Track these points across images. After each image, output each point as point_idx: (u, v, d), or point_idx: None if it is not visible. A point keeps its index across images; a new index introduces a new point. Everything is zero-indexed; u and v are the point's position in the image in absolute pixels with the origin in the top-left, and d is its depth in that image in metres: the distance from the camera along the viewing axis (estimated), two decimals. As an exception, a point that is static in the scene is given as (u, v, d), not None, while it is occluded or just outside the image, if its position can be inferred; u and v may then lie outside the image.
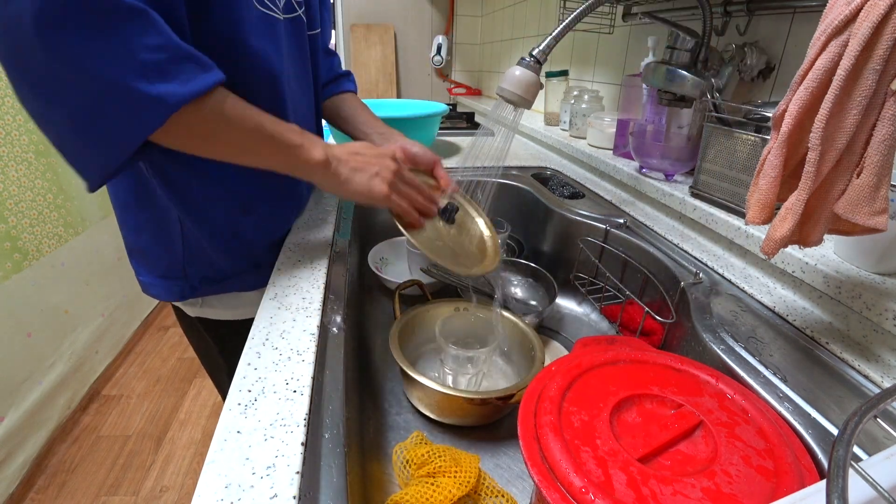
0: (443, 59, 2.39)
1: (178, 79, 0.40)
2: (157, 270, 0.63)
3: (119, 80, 0.37)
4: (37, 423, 1.41)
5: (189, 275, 0.62)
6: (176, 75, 0.40)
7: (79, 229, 1.63)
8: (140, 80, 0.38)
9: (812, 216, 0.38)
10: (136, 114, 0.40)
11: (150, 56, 0.39)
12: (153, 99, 0.39)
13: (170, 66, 0.40)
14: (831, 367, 0.44)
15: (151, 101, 0.39)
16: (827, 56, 0.33)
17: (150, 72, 0.39)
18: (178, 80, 0.40)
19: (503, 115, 0.63)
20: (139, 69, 0.38)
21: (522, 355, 0.59)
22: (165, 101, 0.40)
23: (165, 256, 0.61)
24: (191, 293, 0.63)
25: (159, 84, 0.39)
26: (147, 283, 0.64)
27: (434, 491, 0.40)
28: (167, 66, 0.40)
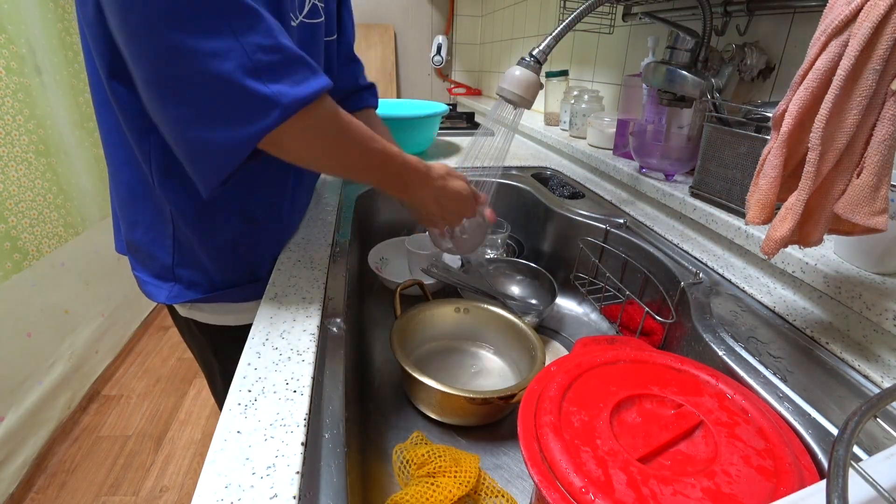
0: (443, 59, 2.39)
1: (291, 79, 0.41)
2: (150, 268, 0.62)
3: (235, 78, 0.38)
4: (37, 423, 1.41)
5: (179, 277, 0.61)
6: (289, 76, 0.41)
7: (79, 229, 1.63)
8: (254, 79, 0.39)
9: (812, 216, 0.38)
10: (252, 112, 0.40)
11: (264, 56, 0.39)
12: (267, 98, 0.40)
13: (283, 67, 0.41)
14: (831, 367, 0.44)
15: (266, 100, 0.40)
16: (827, 56, 0.33)
17: (263, 71, 0.39)
18: (291, 81, 0.41)
19: (503, 115, 0.63)
20: (254, 69, 0.39)
21: (522, 355, 0.59)
22: (279, 101, 0.40)
23: (157, 255, 0.60)
24: (180, 296, 0.62)
25: (272, 84, 0.40)
26: (141, 279, 0.63)
27: (434, 491, 0.40)
28: (280, 67, 0.40)
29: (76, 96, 1.63)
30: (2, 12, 1.32)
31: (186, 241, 0.58)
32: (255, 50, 0.39)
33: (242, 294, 0.63)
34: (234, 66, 0.38)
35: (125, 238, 0.62)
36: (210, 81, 0.38)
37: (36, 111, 1.43)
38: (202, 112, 0.40)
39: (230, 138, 0.41)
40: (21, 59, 1.38)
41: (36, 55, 1.45)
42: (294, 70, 0.41)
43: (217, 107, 0.40)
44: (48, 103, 1.49)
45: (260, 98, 0.39)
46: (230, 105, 0.40)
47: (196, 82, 0.39)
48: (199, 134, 0.41)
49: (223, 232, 0.58)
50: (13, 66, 1.36)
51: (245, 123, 0.40)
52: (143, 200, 0.57)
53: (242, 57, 0.38)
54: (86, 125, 1.66)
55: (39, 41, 1.46)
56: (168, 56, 0.38)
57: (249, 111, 0.40)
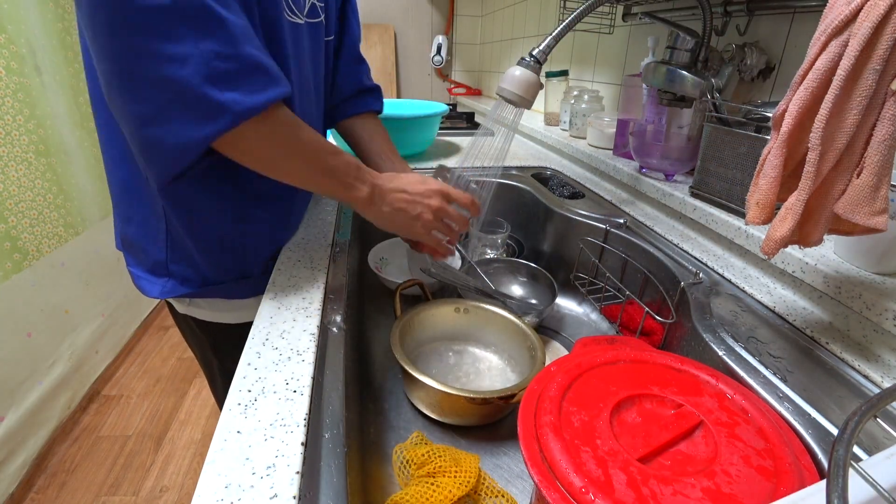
0: (443, 59, 2.39)
1: (246, 88, 0.42)
2: (143, 264, 0.62)
3: (191, 84, 0.40)
4: (37, 423, 1.41)
5: (172, 273, 0.61)
6: (245, 85, 0.42)
7: (79, 229, 1.63)
8: (210, 86, 0.40)
9: (812, 216, 0.38)
10: (203, 118, 0.42)
11: (221, 64, 0.41)
12: (219, 105, 0.41)
13: (239, 75, 0.42)
14: (831, 367, 0.44)
15: (217, 106, 0.41)
16: (827, 56, 0.33)
17: (219, 79, 0.41)
18: (246, 89, 0.42)
19: (503, 115, 0.63)
20: (210, 76, 0.40)
21: (522, 355, 0.59)
22: (231, 109, 0.42)
23: (150, 250, 0.60)
24: (173, 291, 0.62)
25: (227, 92, 0.41)
26: (135, 274, 0.63)
27: (434, 491, 0.40)
28: (236, 75, 0.42)
29: (76, 96, 1.63)
30: (2, 12, 1.32)
31: (179, 236, 0.58)
32: (213, 57, 0.40)
33: (235, 290, 0.63)
34: (191, 72, 0.40)
35: (119, 233, 0.63)
36: (167, 85, 0.40)
37: (36, 111, 1.43)
38: (157, 113, 0.41)
39: (182, 139, 0.43)
40: (21, 59, 1.38)
41: (36, 55, 1.45)
42: (250, 78, 0.43)
43: (171, 109, 0.41)
44: (48, 103, 1.49)
45: (213, 104, 0.41)
46: (184, 109, 0.41)
47: (154, 84, 0.40)
48: (154, 133, 0.43)
49: (213, 229, 0.59)
50: (13, 66, 1.36)
51: (196, 127, 0.42)
52: (137, 196, 0.57)
53: (199, 64, 0.40)
54: (86, 125, 1.66)
55: (39, 41, 1.46)
56: (129, 56, 0.39)
57: (201, 116, 0.42)
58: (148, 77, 0.40)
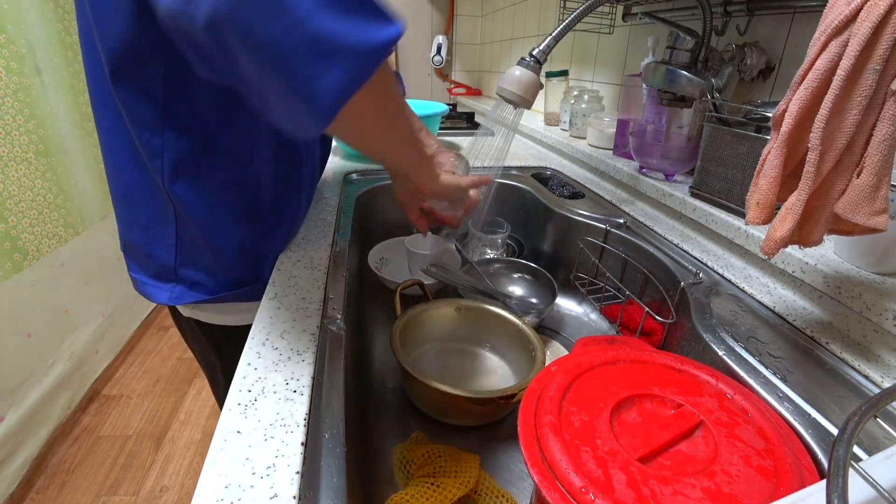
0: (443, 59, 2.39)
1: (382, 16, 0.36)
2: (148, 269, 0.61)
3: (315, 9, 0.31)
4: (37, 423, 1.41)
5: (181, 278, 0.60)
6: (378, 12, 0.35)
7: (79, 229, 1.63)
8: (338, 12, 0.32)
9: (812, 216, 0.38)
10: (381, 16, 0.35)
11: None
12: (386, 14, 0.35)
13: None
14: (831, 367, 0.44)
15: (385, 14, 0.35)
16: (827, 56, 0.33)
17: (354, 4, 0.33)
18: (384, 20, 0.36)
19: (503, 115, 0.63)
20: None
21: (522, 355, 0.59)
22: (397, 22, 0.35)
23: (157, 255, 0.59)
24: (182, 297, 0.61)
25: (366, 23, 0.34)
26: (138, 280, 0.62)
27: (434, 491, 0.40)
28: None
29: (76, 96, 1.63)
30: (2, 12, 1.32)
31: (191, 240, 0.58)
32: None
33: (246, 295, 0.63)
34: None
35: (121, 237, 0.62)
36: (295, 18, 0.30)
37: (36, 111, 1.43)
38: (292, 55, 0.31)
39: (365, 34, 0.34)
40: (21, 59, 1.38)
41: (36, 55, 1.45)
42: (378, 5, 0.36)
43: (304, 48, 0.31)
44: (48, 103, 1.49)
45: (383, 9, 0.35)
46: (318, 45, 0.32)
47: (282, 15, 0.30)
48: (326, 23, 0.32)
49: (231, 232, 0.58)
50: (13, 66, 1.36)
51: (377, 24, 0.34)
52: (143, 199, 0.57)
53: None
54: (86, 125, 1.66)
55: (39, 41, 1.46)
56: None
57: (379, 14, 0.35)
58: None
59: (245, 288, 0.62)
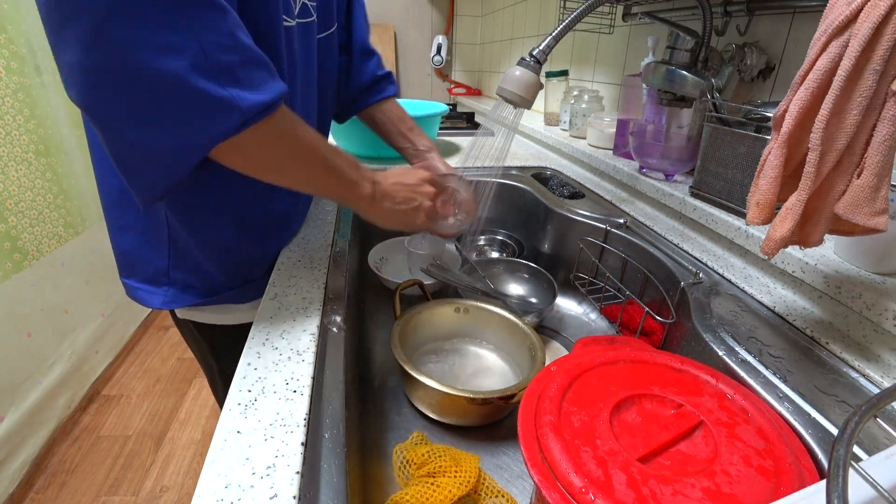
0: (443, 59, 2.39)
1: (250, 83, 0.38)
2: (140, 274, 0.60)
3: (188, 78, 0.34)
4: (37, 423, 1.41)
5: (174, 281, 0.60)
6: (248, 80, 0.38)
7: (79, 229, 1.63)
8: (211, 80, 0.35)
9: (812, 216, 0.38)
10: (208, 116, 0.37)
11: (224, 56, 0.36)
12: (224, 101, 0.36)
13: (242, 68, 0.37)
14: (831, 367, 0.44)
15: (223, 102, 0.36)
16: (827, 56, 0.33)
17: (221, 73, 0.36)
18: (250, 85, 0.38)
19: (503, 115, 0.63)
20: (210, 69, 0.35)
21: (522, 355, 0.59)
22: (239, 106, 0.37)
23: (149, 259, 0.59)
24: (175, 301, 0.60)
25: (230, 87, 0.36)
26: (131, 285, 0.61)
27: (434, 491, 0.40)
28: (240, 68, 0.37)
29: (76, 96, 1.63)
30: (2, 12, 1.32)
31: (183, 243, 0.57)
32: (215, 49, 0.35)
33: (239, 296, 0.63)
34: (189, 65, 0.34)
35: (113, 244, 0.61)
36: (159, 79, 0.34)
37: (36, 111, 1.43)
38: (148, 112, 0.36)
39: (180, 143, 0.37)
40: (21, 59, 1.38)
41: (36, 55, 1.45)
42: (253, 73, 0.38)
43: (166, 107, 0.36)
44: (48, 103, 1.49)
45: (216, 101, 0.36)
46: (181, 106, 0.36)
47: (144, 78, 0.34)
48: (143, 137, 0.37)
49: (220, 236, 0.58)
50: (13, 66, 1.36)
51: (200, 127, 0.37)
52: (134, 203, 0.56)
53: (199, 55, 0.34)
54: (86, 125, 1.66)
55: (39, 41, 1.46)
56: (114, 46, 0.33)
57: (205, 114, 0.36)
58: (136, 70, 0.34)
59: (238, 289, 0.62)
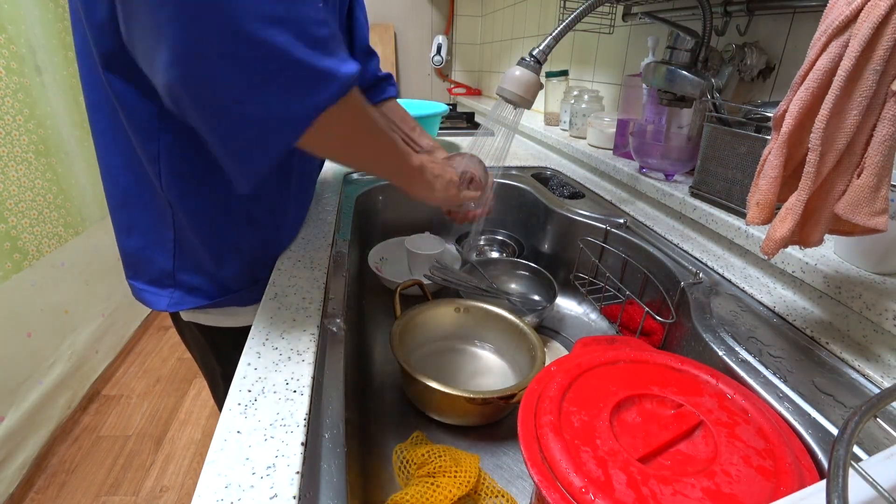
0: (443, 59, 2.39)
1: (338, 56, 0.39)
2: (146, 276, 0.60)
3: (292, 49, 0.36)
4: (37, 423, 1.41)
5: (179, 283, 0.59)
6: (337, 53, 0.39)
7: (79, 229, 1.63)
8: (311, 51, 0.37)
9: (812, 217, 0.38)
10: (310, 87, 0.38)
11: (317, 30, 0.37)
12: (325, 72, 0.38)
13: (332, 42, 0.39)
14: (831, 367, 0.44)
15: (323, 74, 0.38)
16: (827, 56, 0.33)
17: (319, 46, 0.37)
18: (339, 58, 0.39)
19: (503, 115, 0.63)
20: (310, 40, 0.37)
21: (522, 355, 0.59)
22: (337, 75, 0.38)
23: (155, 261, 0.58)
24: (181, 303, 0.60)
25: (327, 59, 0.38)
26: (137, 287, 0.61)
27: (434, 491, 0.40)
28: (330, 42, 0.38)
29: (76, 96, 1.63)
30: (2, 12, 1.32)
31: (189, 244, 0.57)
32: (309, 22, 0.37)
33: (246, 297, 0.63)
34: (292, 38, 0.36)
35: (119, 245, 0.61)
36: (267, 49, 0.35)
37: (36, 111, 1.43)
38: (257, 85, 0.36)
39: (286, 114, 0.38)
40: (21, 59, 1.38)
41: (36, 55, 1.45)
42: (339, 47, 0.40)
43: (273, 79, 0.36)
44: (48, 103, 1.49)
45: (318, 71, 0.37)
46: (288, 77, 0.37)
47: (251, 49, 0.35)
48: (253, 111, 0.38)
49: (229, 236, 0.58)
50: (13, 66, 1.36)
51: (305, 97, 0.38)
52: (140, 204, 0.56)
53: (298, 28, 0.36)
54: (86, 125, 1.66)
55: (39, 41, 1.46)
56: (222, 16, 0.34)
57: (308, 84, 0.37)
58: (248, 40, 0.34)
59: (244, 291, 0.62)
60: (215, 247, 0.58)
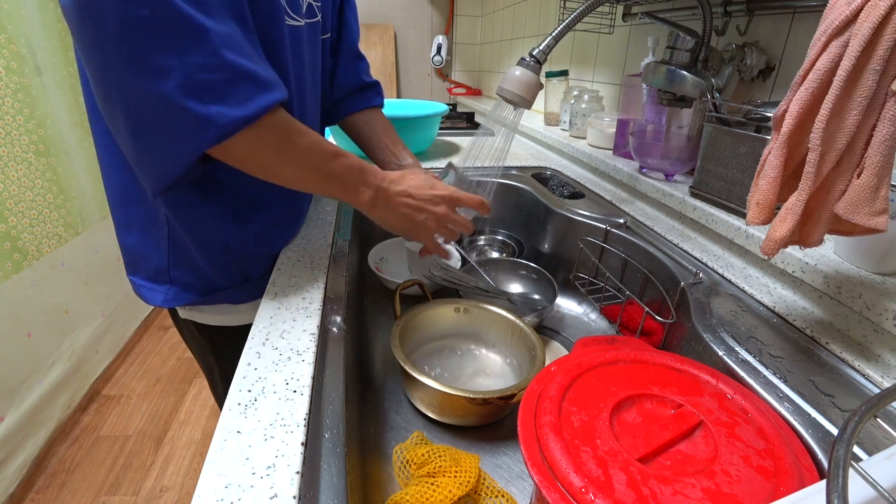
0: (443, 59, 2.39)
1: (232, 99, 0.41)
2: (143, 271, 0.61)
3: (174, 97, 0.39)
4: (37, 423, 1.40)
5: (174, 279, 0.60)
6: (231, 95, 0.41)
7: (79, 229, 1.63)
8: (194, 99, 0.39)
9: (812, 217, 0.38)
10: (188, 132, 0.41)
11: (205, 76, 0.40)
12: (204, 119, 0.40)
13: (225, 85, 0.41)
14: (831, 367, 0.44)
15: (202, 120, 0.40)
16: (828, 56, 0.33)
17: (203, 91, 0.40)
18: (233, 101, 0.41)
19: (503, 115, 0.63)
20: (194, 88, 0.39)
21: (522, 355, 0.59)
22: (216, 122, 0.40)
23: (151, 258, 0.59)
24: (176, 299, 0.61)
25: (211, 105, 0.40)
26: (136, 283, 0.62)
27: (434, 491, 0.40)
28: (222, 85, 0.40)
29: (76, 96, 1.63)
30: (2, 12, 1.32)
31: (181, 241, 0.58)
32: (196, 69, 0.39)
33: (238, 295, 0.63)
34: (175, 85, 0.39)
35: (119, 242, 0.62)
36: (152, 98, 0.39)
37: (36, 111, 1.43)
38: (145, 125, 0.41)
39: (170, 152, 0.43)
40: (21, 59, 1.38)
41: (36, 55, 1.45)
42: (236, 88, 0.41)
43: (158, 122, 0.41)
44: (48, 103, 1.49)
45: (197, 118, 0.40)
46: (169, 122, 0.41)
47: (140, 97, 0.39)
48: (144, 144, 0.43)
49: (215, 234, 0.58)
50: (13, 66, 1.36)
51: (182, 141, 0.41)
52: (137, 202, 0.57)
53: (182, 76, 0.39)
54: (86, 125, 1.66)
55: (39, 41, 1.46)
56: (116, 69, 0.39)
57: (186, 130, 0.41)
58: (134, 90, 0.39)
59: (235, 289, 0.62)
60: (204, 244, 0.58)
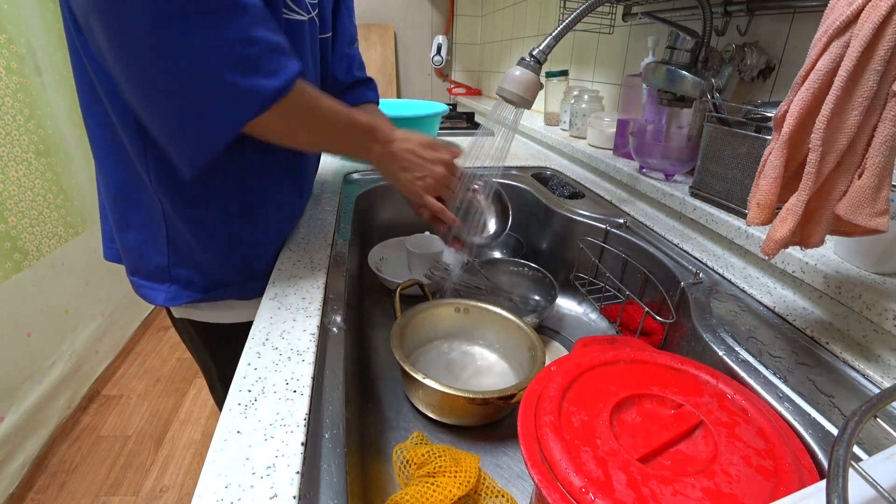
0: (443, 59, 2.39)
1: (268, 70, 0.43)
2: (144, 270, 0.61)
3: (217, 73, 0.40)
4: (37, 423, 1.40)
5: (175, 277, 0.60)
6: (266, 67, 0.43)
7: (79, 229, 1.62)
8: (235, 73, 0.41)
9: (813, 217, 0.38)
10: (233, 106, 0.43)
11: (246, 49, 0.41)
12: (246, 91, 0.42)
13: (261, 59, 0.43)
14: (831, 367, 0.44)
15: (246, 93, 0.42)
16: (828, 57, 0.33)
17: (243, 66, 0.42)
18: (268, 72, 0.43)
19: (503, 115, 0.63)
20: (235, 63, 0.41)
21: (522, 355, 0.59)
22: (259, 94, 0.43)
23: (151, 257, 0.59)
24: (178, 297, 0.60)
25: (251, 77, 0.42)
26: (136, 282, 0.62)
27: (434, 491, 0.40)
28: (259, 59, 0.42)
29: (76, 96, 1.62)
30: (2, 12, 1.32)
31: (181, 239, 0.58)
32: (236, 45, 0.41)
33: (242, 292, 0.63)
34: (216, 63, 0.40)
35: (117, 242, 0.61)
36: (194, 75, 0.40)
37: (36, 111, 1.43)
38: (186, 105, 0.42)
39: (213, 129, 0.44)
40: (21, 59, 1.38)
41: (36, 55, 1.45)
42: (271, 60, 0.43)
43: (202, 99, 0.42)
44: (48, 103, 1.49)
45: (241, 91, 0.42)
46: (213, 98, 0.42)
47: (182, 74, 0.41)
48: (185, 126, 0.44)
49: (219, 227, 0.58)
50: (13, 66, 1.36)
51: (227, 115, 0.43)
52: (134, 200, 0.57)
53: (224, 53, 0.40)
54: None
55: (39, 41, 1.46)
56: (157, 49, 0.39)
57: (232, 104, 0.42)
58: (176, 68, 0.40)
59: (238, 285, 0.62)
60: (206, 240, 0.58)
